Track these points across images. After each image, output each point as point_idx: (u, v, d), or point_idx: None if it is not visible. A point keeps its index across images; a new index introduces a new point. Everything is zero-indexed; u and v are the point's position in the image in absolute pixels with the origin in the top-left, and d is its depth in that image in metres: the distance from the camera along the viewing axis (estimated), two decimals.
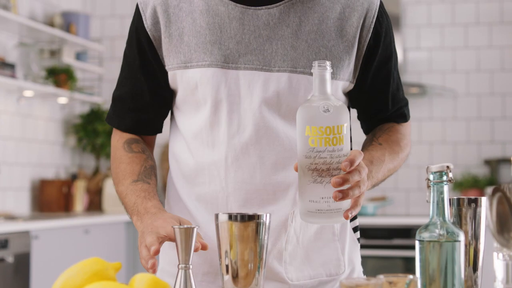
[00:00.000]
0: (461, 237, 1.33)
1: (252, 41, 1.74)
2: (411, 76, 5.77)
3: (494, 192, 1.37)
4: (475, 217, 1.46)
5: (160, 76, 1.82)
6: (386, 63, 1.84)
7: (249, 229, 1.32)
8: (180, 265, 1.40)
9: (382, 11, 1.81)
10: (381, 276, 1.19)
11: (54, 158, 5.79)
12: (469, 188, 5.47)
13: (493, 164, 5.56)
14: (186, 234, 1.41)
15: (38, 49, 5.44)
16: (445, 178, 1.35)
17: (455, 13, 5.79)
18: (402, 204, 5.76)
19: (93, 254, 4.77)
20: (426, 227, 1.35)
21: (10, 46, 5.23)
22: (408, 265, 4.99)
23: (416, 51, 5.81)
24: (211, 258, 1.80)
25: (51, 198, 5.47)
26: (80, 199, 5.63)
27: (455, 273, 1.32)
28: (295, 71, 1.73)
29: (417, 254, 1.35)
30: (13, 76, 4.94)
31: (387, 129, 1.88)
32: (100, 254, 4.90)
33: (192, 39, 1.76)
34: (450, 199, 1.43)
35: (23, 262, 4.25)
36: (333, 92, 1.72)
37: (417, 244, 1.35)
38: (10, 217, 4.73)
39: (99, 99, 5.93)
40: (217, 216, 1.34)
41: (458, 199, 1.46)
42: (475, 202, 1.46)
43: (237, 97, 1.75)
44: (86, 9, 6.26)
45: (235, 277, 1.32)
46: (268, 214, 1.34)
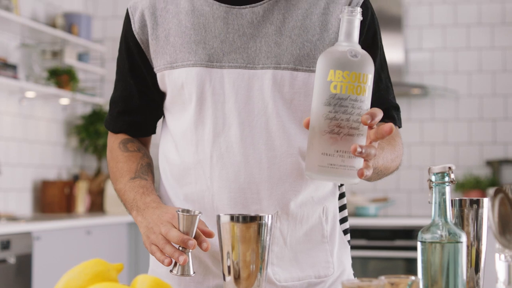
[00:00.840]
0: (463, 238, 1.33)
1: (236, 40, 1.75)
2: (413, 77, 5.77)
3: (496, 193, 1.37)
4: (477, 218, 1.45)
5: (149, 79, 1.84)
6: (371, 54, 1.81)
7: (251, 230, 1.32)
8: (180, 249, 1.52)
9: (366, 4, 1.80)
10: (383, 277, 1.19)
11: (56, 159, 5.79)
12: (471, 189, 5.47)
13: (495, 165, 5.56)
14: (188, 220, 1.50)
15: (40, 50, 5.44)
16: (447, 179, 1.35)
17: (457, 14, 5.78)
18: (404, 205, 5.76)
19: (95, 255, 4.77)
20: (428, 228, 1.34)
21: (12, 47, 5.24)
22: (410, 266, 4.99)
23: (418, 52, 5.81)
24: (198, 259, 1.81)
25: (53, 199, 5.48)
26: (82, 200, 5.63)
27: (457, 275, 1.32)
28: (279, 67, 1.73)
29: (419, 255, 1.35)
30: (15, 77, 4.95)
31: (378, 125, 1.84)
32: (102, 255, 4.91)
33: (178, 40, 1.78)
34: (452, 200, 1.43)
35: (25, 263, 4.25)
36: None
37: (419, 245, 1.35)
38: (12, 218, 4.74)
39: (101, 100, 5.93)
40: (219, 217, 1.34)
41: (460, 200, 1.46)
42: (477, 203, 1.46)
43: (221, 96, 1.75)
44: (88, 10, 6.27)
45: (237, 278, 1.32)
46: (270, 215, 1.34)
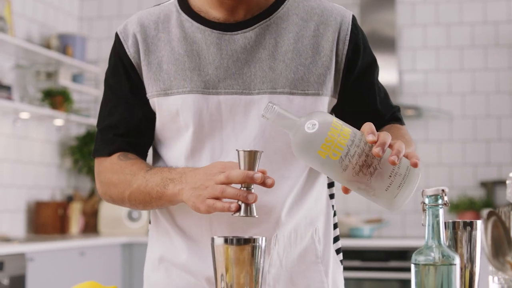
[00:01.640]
0: (457, 261, 1.34)
1: (230, 66, 1.76)
2: (406, 98, 5.79)
3: (489, 216, 1.37)
4: (471, 240, 1.46)
5: (147, 100, 1.82)
6: (367, 72, 1.84)
7: (245, 253, 1.32)
8: (242, 187, 1.53)
9: (355, 23, 1.83)
10: None
11: (50, 180, 5.78)
12: (465, 210, 5.47)
13: (489, 186, 5.56)
14: (251, 156, 1.51)
15: (34, 71, 5.45)
16: (440, 201, 1.35)
17: (450, 36, 5.81)
18: (399, 226, 5.75)
19: (89, 277, 4.76)
20: (421, 250, 1.35)
21: (7, 68, 5.24)
22: None
23: (412, 74, 5.83)
24: (194, 281, 1.80)
25: (46, 220, 5.46)
26: (75, 221, 5.62)
27: None
28: (275, 92, 1.74)
29: (412, 277, 1.35)
30: (9, 98, 4.95)
31: (387, 127, 1.87)
32: (96, 277, 4.89)
33: (172, 67, 1.78)
34: (445, 222, 1.43)
35: (18, 285, 4.23)
36: (320, 109, 1.75)
37: (412, 267, 1.35)
38: (5, 239, 4.72)
39: (95, 121, 5.92)
40: (213, 239, 1.34)
41: (454, 222, 1.46)
42: (471, 225, 1.46)
43: (219, 123, 1.76)
44: (83, 31, 6.28)
45: None
46: (264, 238, 1.34)
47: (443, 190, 1.35)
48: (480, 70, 5.75)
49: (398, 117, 1.92)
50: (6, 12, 4.96)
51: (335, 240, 1.90)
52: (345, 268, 2.00)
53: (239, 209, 1.52)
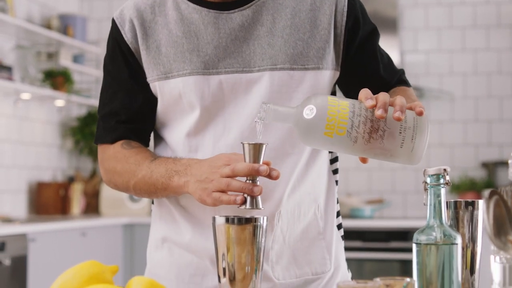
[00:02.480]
0: (458, 240, 1.33)
1: (229, 44, 1.75)
2: (408, 78, 5.75)
3: (491, 195, 1.37)
4: (472, 220, 1.46)
5: (148, 85, 1.82)
6: (368, 41, 1.84)
7: (246, 232, 1.32)
8: (247, 180, 1.53)
9: None
10: (378, 279, 1.19)
11: (51, 161, 5.79)
12: (466, 191, 5.47)
13: (491, 166, 5.56)
14: (255, 149, 1.51)
15: (35, 51, 5.44)
16: (442, 181, 1.35)
17: (452, 16, 5.79)
18: (400, 207, 5.76)
19: (90, 257, 4.77)
20: (423, 230, 1.35)
21: (7, 49, 5.23)
22: (405, 268, 4.99)
23: (413, 54, 5.82)
24: (197, 260, 1.81)
25: (48, 200, 5.47)
26: (77, 202, 5.63)
27: (452, 276, 1.32)
28: (275, 68, 1.75)
29: (414, 257, 1.35)
30: (10, 78, 4.94)
31: (393, 90, 1.88)
32: (97, 257, 4.90)
33: (170, 50, 1.77)
34: (447, 202, 1.43)
35: (20, 265, 4.25)
36: (320, 83, 1.75)
37: (414, 247, 1.35)
38: (7, 220, 4.73)
39: (96, 101, 5.93)
40: (214, 219, 1.34)
41: (455, 202, 1.46)
42: (472, 205, 1.46)
43: (221, 102, 1.76)
44: (83, 11, 6.26)
45: (232, 280, 1.32)
46: (265, 217, 1.34)
47: (445, 170, 1.35)
48: (482, 51, 5.73)
49: (403, 79, 1.92)
50: None
51: (336, 215, 1.91)
52: (346, 249, 2.01)
53: (244, 201, 1.53)
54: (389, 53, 1.95)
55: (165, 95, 1.79)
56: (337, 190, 1.92)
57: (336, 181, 1.91)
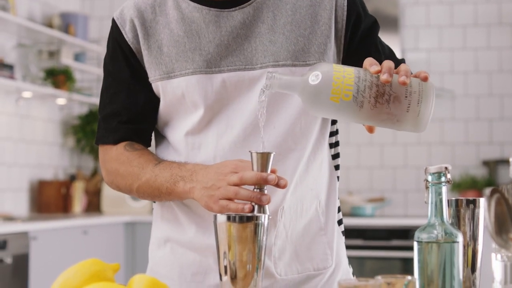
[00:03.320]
0: (460, 238, 1.34)
1: (231, 42, 1.76)
2: None
3: (492, 193, 1.37)
4: (473, 218, 1.46)
5: (149, 85, 1.82)
6: (369, 34, 1.84)
7: (247, 230, 1.32)
8: (255, 189, 1.53)
9: None
10: (379, 277, 1.19)
11: (53, 159, 5.79)
12: (467, 189, 5.47)
13: (492, 165, 5.56)
14: (263, 158, 1.52)
15: (36, 50, 5.44)
16: (443, 179, 1.35)
17: (453, 14, 5.79)
18: (401, 205, 5.76)
19: (92, 255, 4.77)
20: (424, 228, 1.35)
21: (9, 47, 5.23)
22: (406, 266, 4.99)
23: (414, 52, 5.82)
24: (200, 258, 1.81)
25: (49, 199, 5.47)
26: (78, 200, 5.63)
27: (454, 274, 1.32)
28: (277, 65, 1.75)
29: (415, 255, 1.35)
30: (11, 77, 4.94)
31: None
32: (99, 255, 4.90)
33: (172, 49, 1.78)
34: (448, 200, 1.43)
35: (21, 263, 4.25)
36: None
37: (415, 245, 1.35)
38: (9, 218, 4.73)
39: (98, 100, 5.92)
40: (215, 217, 1.34)
41: (456, 200, 1.46)
42: (473, 203, 1.46)
43: (224, 100, 1.76)
44: (85, 10, 6.26)
45: (233, 278, 1.32)
46: (267, 215, 1.34)
47: (446, 168, 1.35)
48: (483, 49, 5.73)
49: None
50: None
51: (337, 211, 1.91)
52: (347, 247, 2.01)
53: (252, 210, 1.53)
54: None
55: (167, 94, 1.79)
56: (338, 186, 1.92)
57: (338, 177, 1.91)
